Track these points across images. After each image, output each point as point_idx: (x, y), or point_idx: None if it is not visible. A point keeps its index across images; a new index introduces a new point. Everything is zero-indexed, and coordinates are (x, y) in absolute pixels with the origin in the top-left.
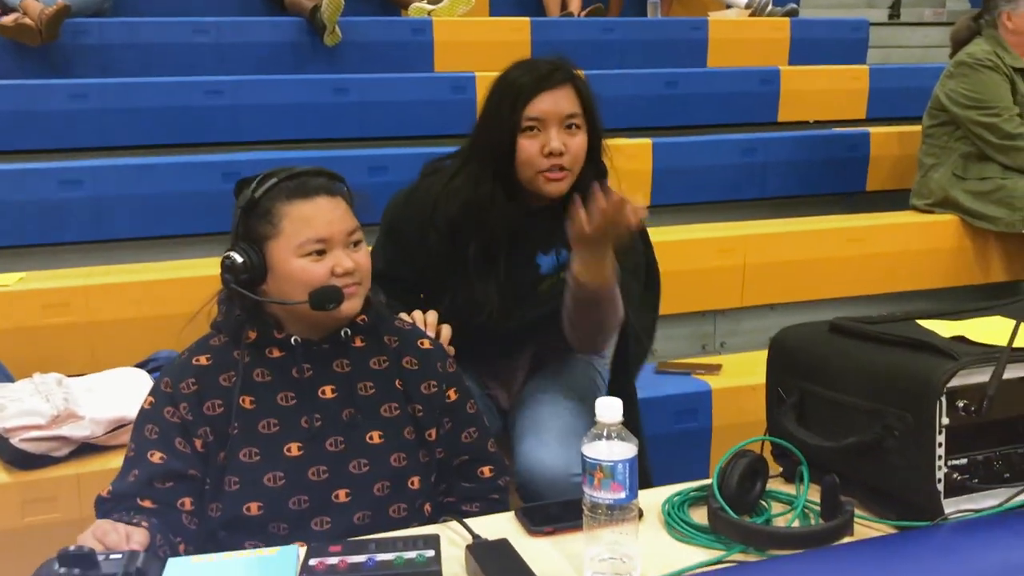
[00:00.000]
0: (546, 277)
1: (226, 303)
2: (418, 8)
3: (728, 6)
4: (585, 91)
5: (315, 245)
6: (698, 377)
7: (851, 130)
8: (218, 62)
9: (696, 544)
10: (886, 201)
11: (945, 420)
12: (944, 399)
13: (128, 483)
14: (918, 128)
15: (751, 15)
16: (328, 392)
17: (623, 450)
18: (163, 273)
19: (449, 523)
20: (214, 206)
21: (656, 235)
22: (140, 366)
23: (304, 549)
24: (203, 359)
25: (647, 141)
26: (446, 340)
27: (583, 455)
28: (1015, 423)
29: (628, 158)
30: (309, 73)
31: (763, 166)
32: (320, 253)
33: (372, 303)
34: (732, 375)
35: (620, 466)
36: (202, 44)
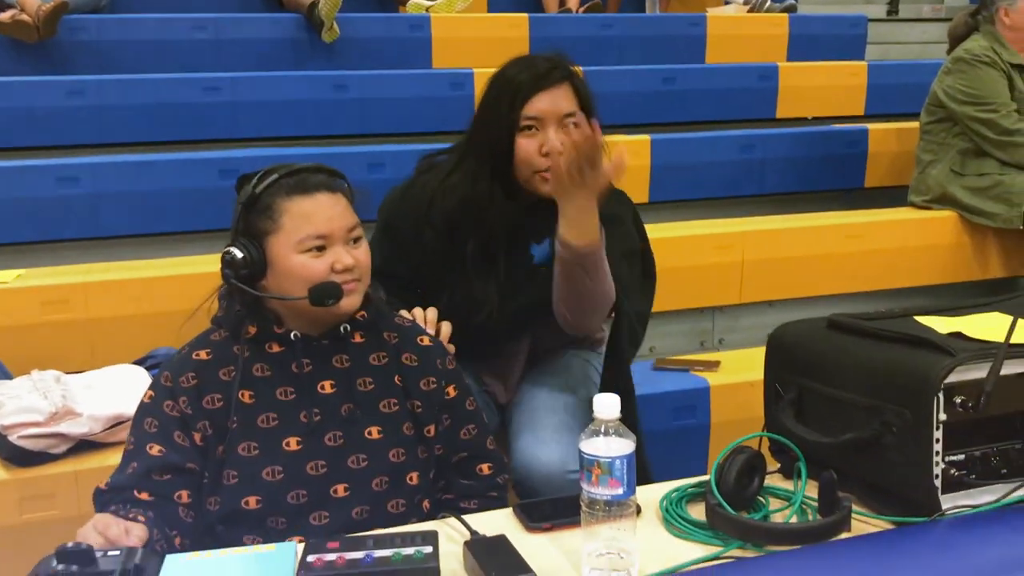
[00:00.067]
0: (540, 267)
1: (227, 298)
2: (416, 4)
3: (726, 2)
4: (583, 89)
5: (315, 241)
6: (696, 374)
7: (849, 126)
8: (216, 58)
9: (694, 540)
10: (884, 197)
11: (943, 416)
12: (941, 395)
13: (126, 475)
14: (916, 124)
15: (749, 11)
16: (327, 387)
17: (621, 446)
18: (161, 270)
19: (447, 519)
20: (212, 203)
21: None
22: (138, 363)
23: (302, 545)
24: (203, 354)
25: (645, 137)
26: (446, 337)
27: (581, 451)
28: (1012, 419)
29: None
30: (307, 69)
31: (761, 162)
32: (320, 249)
33: (372, 299)
34: (730, 371)
35: (618, 462)
36: (200, 40)
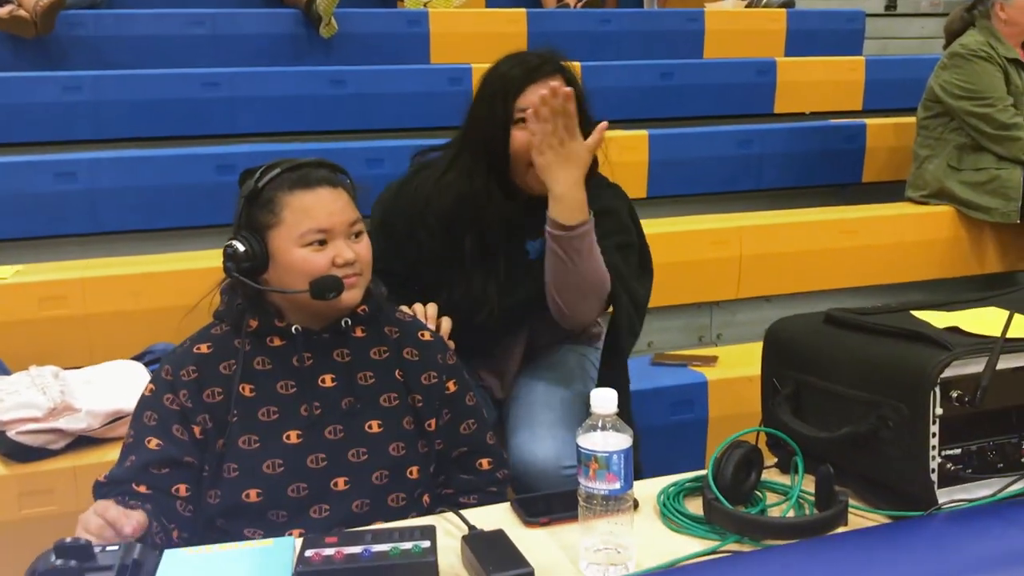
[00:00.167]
0: (536, 262)
1: (228, 292)
2: None
3: None
4: (575, 82)
5: (316, 235)
6: (694, 369)
7: (847, 121)
8: (214, 54)
9: (691, 534)
10: (882, 192)
11: (939, 410)
12: (938, 389)
13: (124, 469)
14: (914, 119)
15: (747, 6)
16: (328, 381)
17: (618, 441)
18: (159, 266)
19: (445, 514)
20: (210, 198)
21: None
22: (137, 359)
23: (300, 540)
24: (204, 347)
25: (643, 133)
26: (446, 333)
27: (578, 446)
28: (1009, 413)
29: (624, 150)
30: (305, 65)
31: (759, 157)
32: (321, 243)
33: (373, 294)
34: (728, 366)
35: (615, 457)
36: (198, 36)
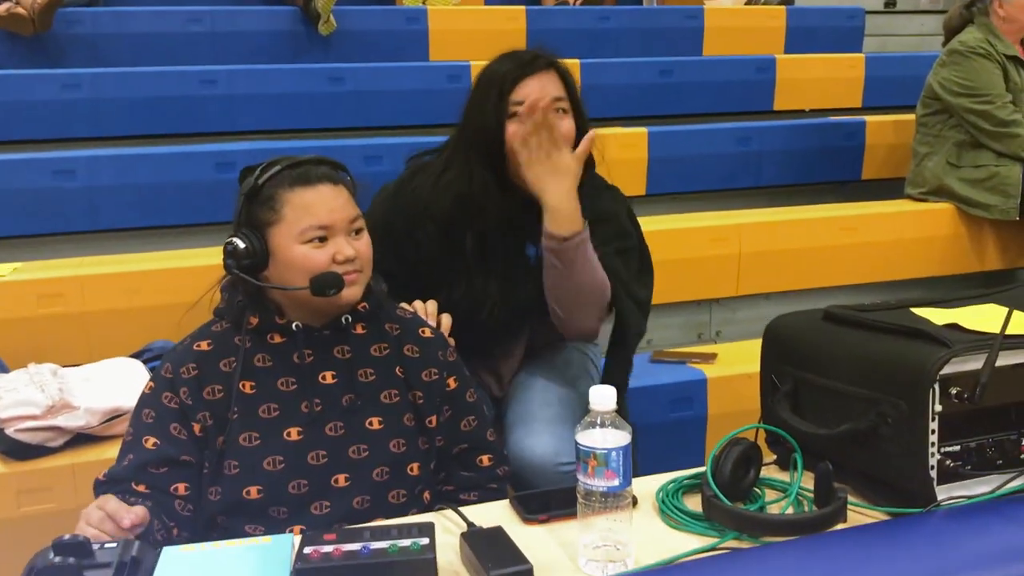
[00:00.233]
0: (536, 268)
1: (229, 290)
2: None
3: None
4: (568, 78)
5: (316, 232)
6: (693, 366)
7: (847, 119)
8: (212, 51)
9: (690, 531)
10: (882, 190)
11: (938, 407)
12: (937, 386)
13: (123, 467)
14: (914, 117)
15: (747, 3)
16: (328, 378)
17: (617, 438)
18: (158, 263)
19: (444, 511)
20: (209, 196)
21: (651, 224)
22: (135, 356)
23: (299, 537)
24: (204, 344)
25: (642, 130)
26: (446, 329)
27: (577, 443)
28: (1008, 410)
29: (623, 147)
30: (304, 62)
31: (759, 155)
32: (322, 240)
33: (374, 291)
34: (727, 364)
35: (614, 454)
36: (196, 33)
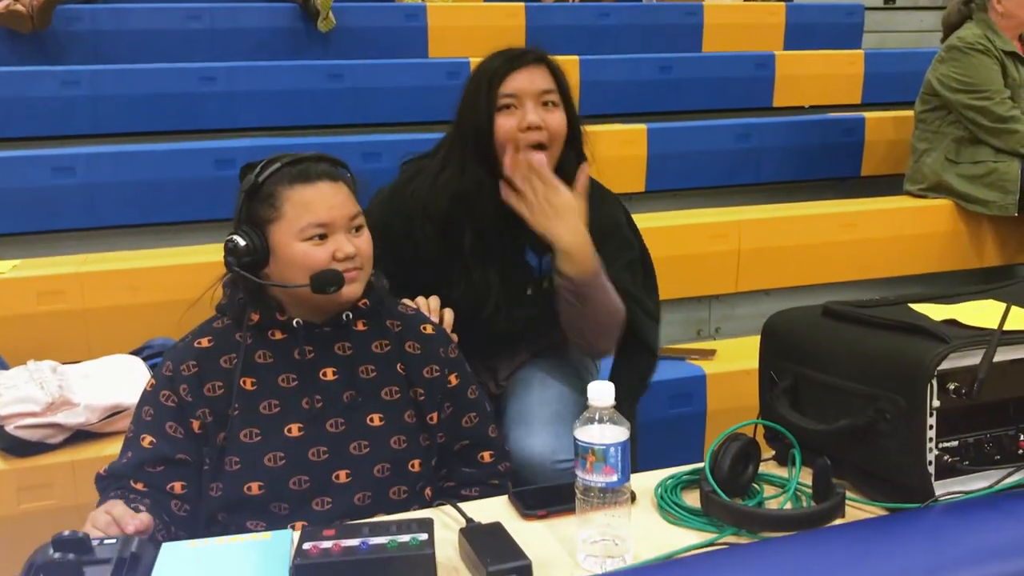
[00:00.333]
0: (539, 279)
1: (230, 286)
2: None
3: None
4: (559, 73)
5: (316, 229)
6: (693, 362)
7: (846, 115)
8: (211, 48)
9: (688, 527)
10: (881, 186)
11: (936, 403)
12: (935, 382)
13: (122, 464)
14: (913, 113)
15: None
16: (329, 374)
17: (615, 433)
18: (157, 260)
19: (443, 507)
20: (208, 193)
21: (651, 220)
22: (135, 353)
23: (298, 533)
24: (204, 341)
25: (642, 126)
26: (449, 325)
27: (575, 438)
28: (1006, 405)
29: (623, 143)
30: (303, 59)
31: (758, 151)
32: (322, 237)
33: (375, 287)
34: (727, 360)
35: (612, 449)
36: (195, 30)
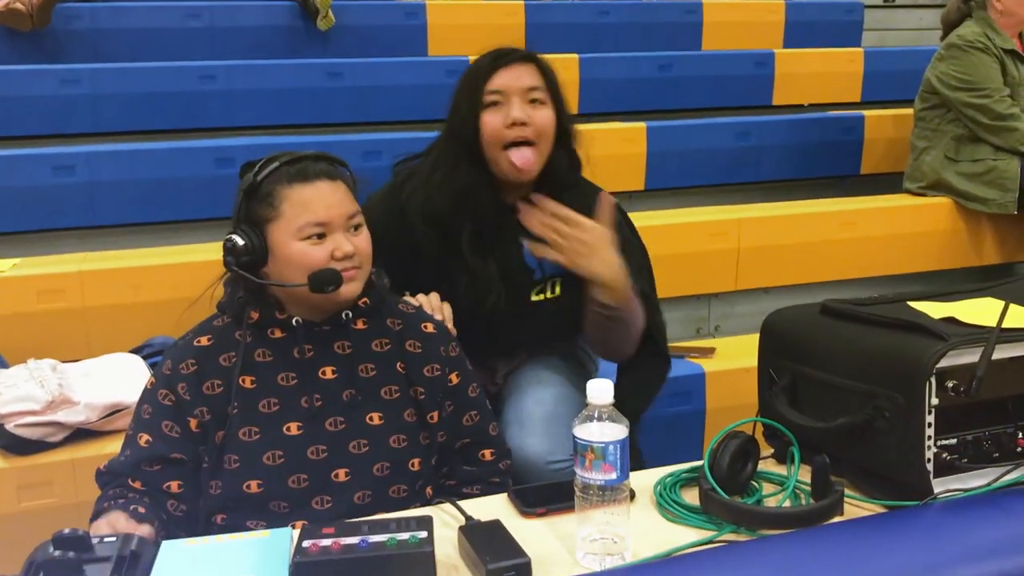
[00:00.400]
0: (540, 282)
1: (231, 285)
2: None
3: None
4: (548, 71)
5: (315, 228)
6: (692, 360)
7: (846, 113)
8: (211, 47)
9: (687, 524)
10: (881, 184)
11: (935, 400)
12: (934, 379)
13: (120, 462)
14: (912, 111)
15: None
16: (328, 373)
17: (614, 431)
18: (157, 259)
19: (443, 505)
20: (208, 191)
21: (650, 219)
22: (135, 352)
23: (298, 531)
24: (204, 340)
25: (641, 125)
26: (448, 319)
27: (574, 436)
28: (1004, 403)
29: (622, 141)
30: (302, 57)
31: (757, 149)
32: (320, 237)
33: (376, 286)
34: (726, 358)
35: (611, 447)
36: (195, 29)
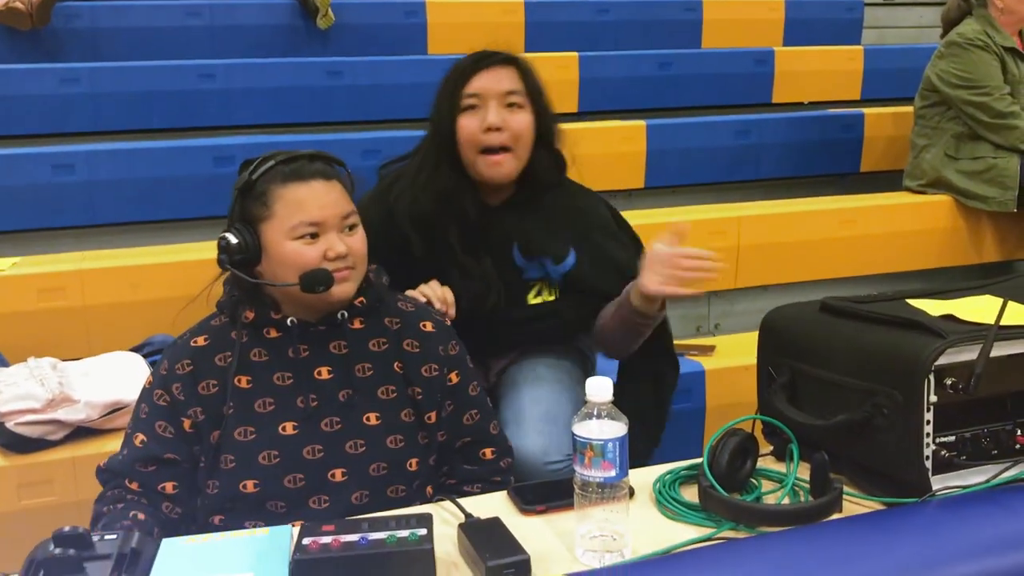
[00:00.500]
0: (532, 283)
1: (230, 283)
2: None
3: None
4: (529, 74)
5: (307, 228)
6: (692, 358)
7: (845, 111)
8: (210, 45)
9: (687, 522)
10: (881, 182)
11: (933, 398)
12: (932, 377)
13: (118, 460)
14: (912, 109)
15: None
16: (324, 373)
17: (613, 429)
18: (157, 257)
19: (442, 502)
20: (207, 190)
21: (650, 217)
22: (135, 350)
23: (298, 528)
24: (200, 340)
25: (641, 123)
26: (451, 304)
27: (574, 434)
28: (1002, 400)
29: (622, 140)
30: (302, 56)
31: (757, 147)
32: (313, 236)
33: (374, 284)
34: (726, 356)
35: (610, 444)
36: (194, 27)
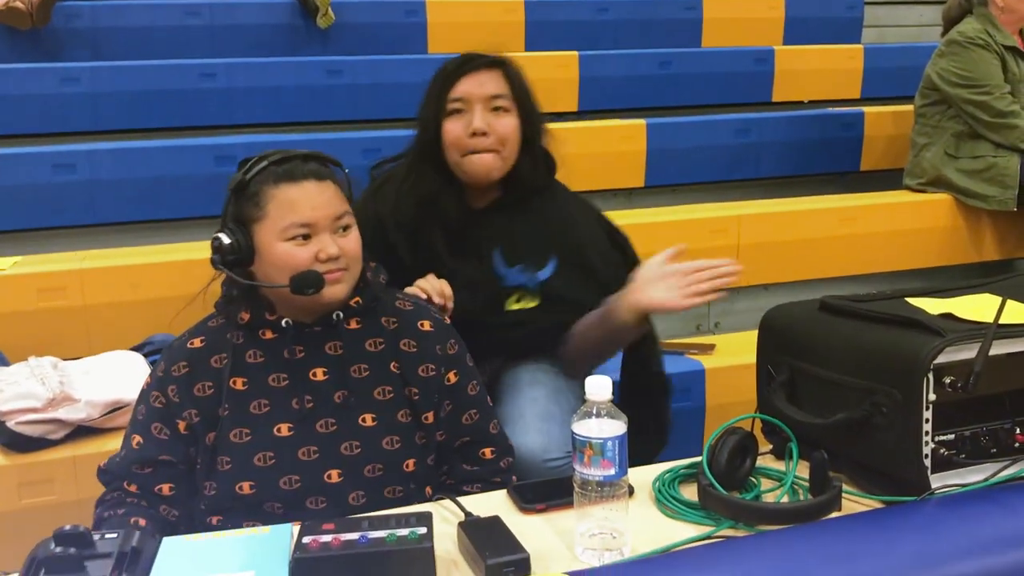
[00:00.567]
0: (513, 289)
1: (227, 284)
2: None
3: None
4: (516, 77)
5: (299, 229)
6: (692, 357)
7: (846, 110)
8: (211, 45)
9: (686, 520)
10: (881, 181)
11: (932, 396)
12: (931, 375)
13: (116, 462)
14: (912, 107)
15: None
16: (319, 374)
17: (613, 427)
18: (157, 257)
19: (442, 501)
20: (208, 189)
21: (650, 216)
22: (135, 349)
23: (298, 527)
24: (197, 341)
25: (641, 122)
26: (449, 297)
27: (573, 432)
28: (1001, 399)
29: (622, 139)
30: (302, 55)
31: (757, 146)
32: (305, 238)
33: (371, 284)
34: (726, 355)
35: (610, 443)
36: (194, 26)
